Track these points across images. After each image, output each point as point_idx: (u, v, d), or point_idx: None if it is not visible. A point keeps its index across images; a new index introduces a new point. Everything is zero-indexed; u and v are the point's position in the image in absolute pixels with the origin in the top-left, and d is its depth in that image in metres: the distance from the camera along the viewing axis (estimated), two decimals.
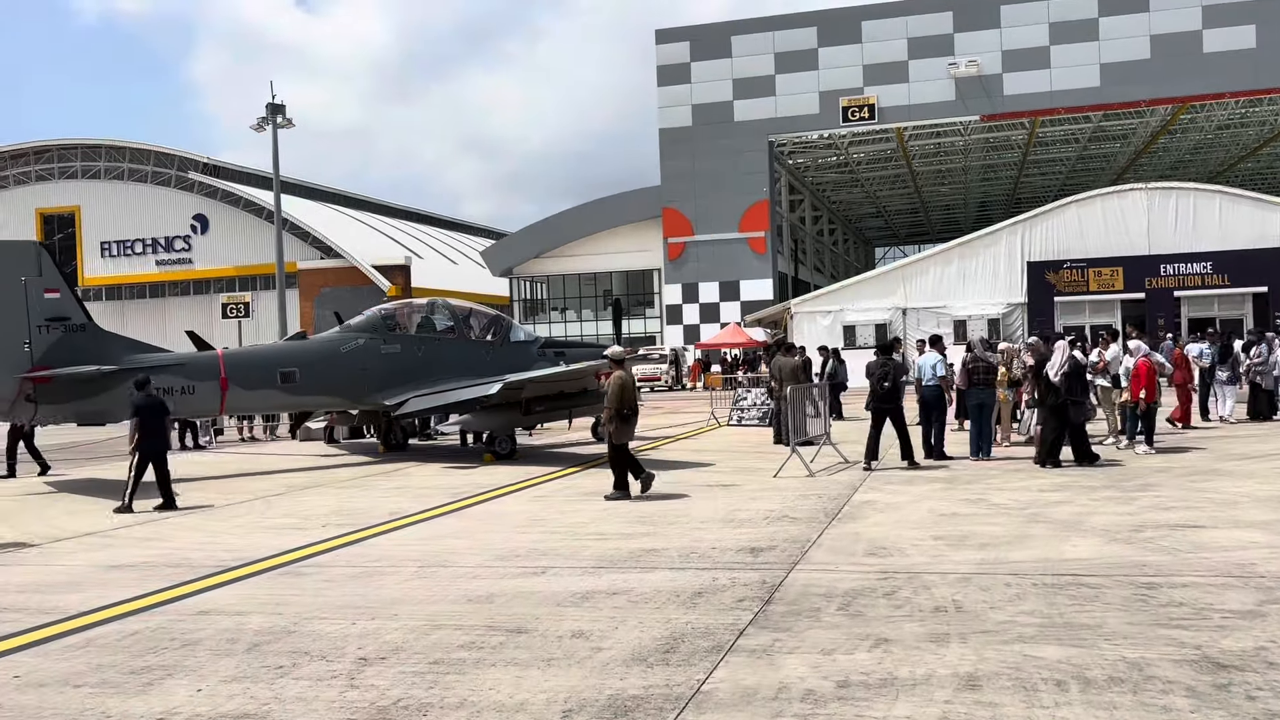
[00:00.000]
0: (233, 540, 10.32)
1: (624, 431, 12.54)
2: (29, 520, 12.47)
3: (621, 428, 12.50)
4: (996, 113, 58.52)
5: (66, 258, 73.12)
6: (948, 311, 48.18)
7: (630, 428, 12.65)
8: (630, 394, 12.60)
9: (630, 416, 12.55)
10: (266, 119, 44.57)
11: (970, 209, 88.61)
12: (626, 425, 12.55)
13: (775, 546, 8.81)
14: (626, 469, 12.50)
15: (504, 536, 9.91)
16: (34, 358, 15.60)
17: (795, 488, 12.65)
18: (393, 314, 19.39)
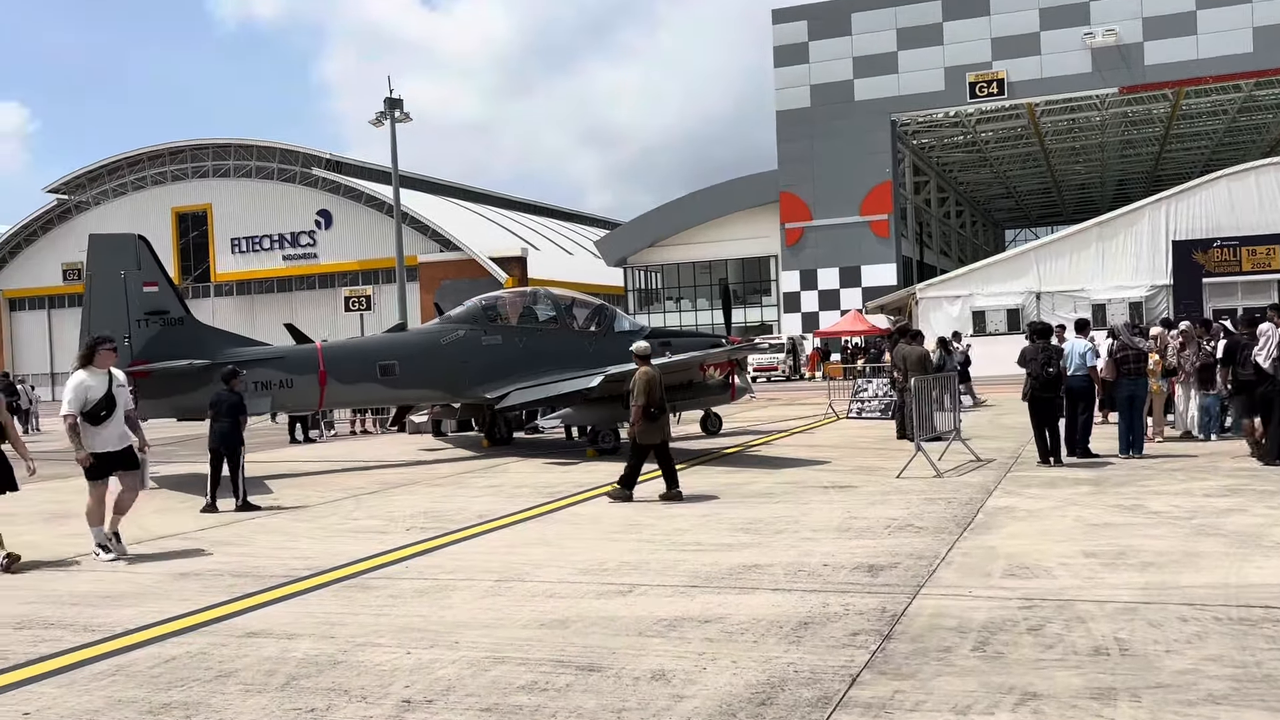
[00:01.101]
0: (310, 546, 9.71)
1: (650, 432, 11.76)
2: (126, 521, 12.12)
3: (648, 428, 11.72)
4: (1136, 84, 55.13)
5: (200, 255, 75.68)
6: (1085, 295, 45.58)
7: (658, 428, 11.85)
8: (657, 392, 11.81)
9: (658, 415, 11.78)
10: (385, 114, 44.83)
11: (1107, 188, 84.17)
12: (653, 425, 11.76)
13: (897, 564, 7.69)
14: (638, 470, 11.78)
15: (593, 545, 9.03)
16: (133, 352, 15.43)
17: (921, 490, 11.43)
18: (494, 304, 18.74)
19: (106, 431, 9.36)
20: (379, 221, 67.99)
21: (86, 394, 9.33)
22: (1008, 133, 65.10)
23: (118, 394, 9.51)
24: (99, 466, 9.39)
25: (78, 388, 9.34)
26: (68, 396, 9.34)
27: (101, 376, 9.45)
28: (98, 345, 9.58)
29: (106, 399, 9.37)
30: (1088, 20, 54.87)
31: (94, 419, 9.31)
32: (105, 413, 9.34)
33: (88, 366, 9.48)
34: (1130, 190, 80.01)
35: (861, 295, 57.65)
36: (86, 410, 9.29)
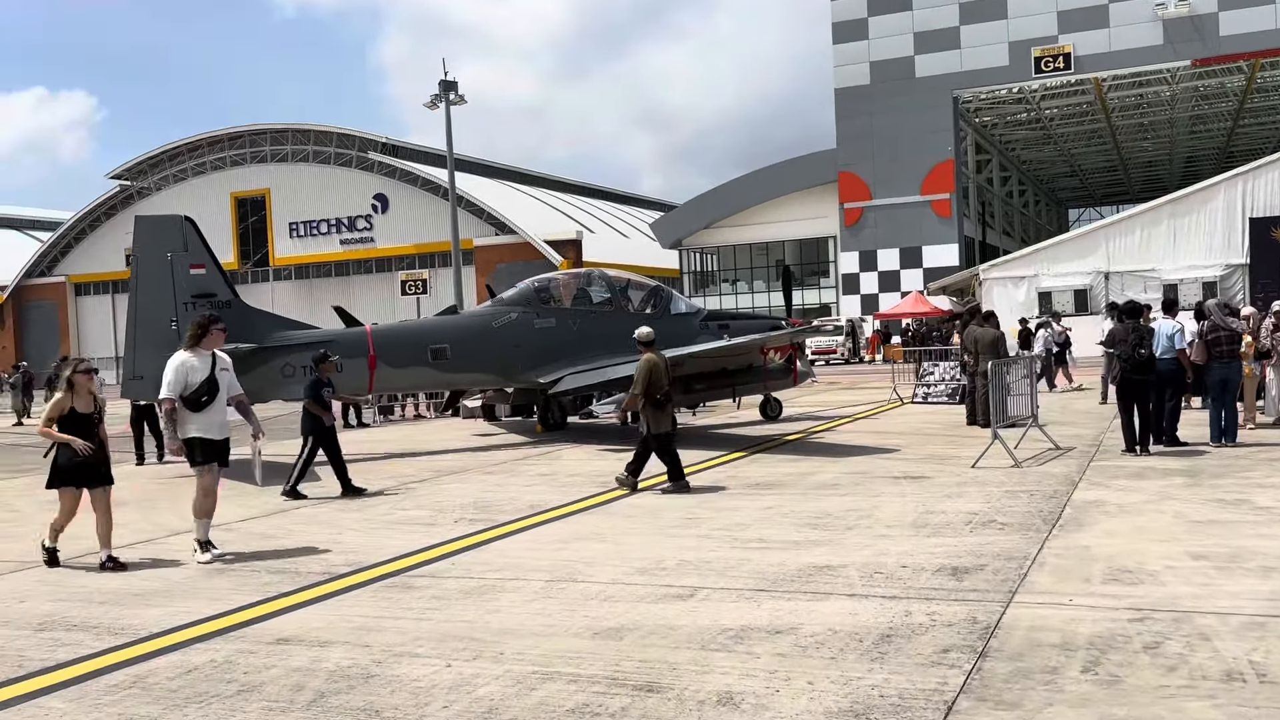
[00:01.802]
0: (354, 539, 9.25)
1: (660, 420, 11.35)
2: (162, 510, 11.85)
3: (657, 416, 11.33)
4: (1210, 56, 53.03)
5: (259, 240, 76.29)
6: (1156, 275, 44.02)
7: (667, 415, 11.44)
8: (660, 378, 11.38)
9: (664, 403, 11.35)
10: (440, 96, 44.58)
11: (1175, 165, 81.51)
12: (662, 413, 11.36)
13: (984, 565, 7.01)
14: (676, 456, 11.37)
15: (650, 541, 8.45)
16: (181, 336, 15.11)
17: (999, 481, 10.69)
18: (546, 286, 18.22)
19: (206, 418, 8.60)
20: (435, 205, 67.94)
21: (188, 376, 8.55)
22: (1073, 109, 63.14)
23: (220, 378, 8.73)
24: (205, 452, 8.62)
25: (178, 369, 8.56)
26: (167, 378, 8.55)
27: (205, 358, 8.67)
28: (211, 325, 8.85)
29: (208, 383, 8.60)
30: None
31: (194, 404, 8.54)
32: (206, 398, 8.58)
33: (194, 348, 8.70)
34: (1200, 168, 77.32)
35: (923, 276, 56.36)
36: (187, 394, 8.52)
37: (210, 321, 8.94)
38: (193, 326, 8.93)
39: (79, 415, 8.34)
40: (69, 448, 8.26)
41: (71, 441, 8.24)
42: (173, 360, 8.64)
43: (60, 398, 8.34)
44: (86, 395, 8.43)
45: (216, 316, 9.18)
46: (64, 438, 8.24)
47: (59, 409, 8.30)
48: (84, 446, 8.22)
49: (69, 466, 8.31)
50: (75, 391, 8.37)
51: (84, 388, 8.40)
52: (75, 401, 8.33)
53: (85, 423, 8.35)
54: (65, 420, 8.31)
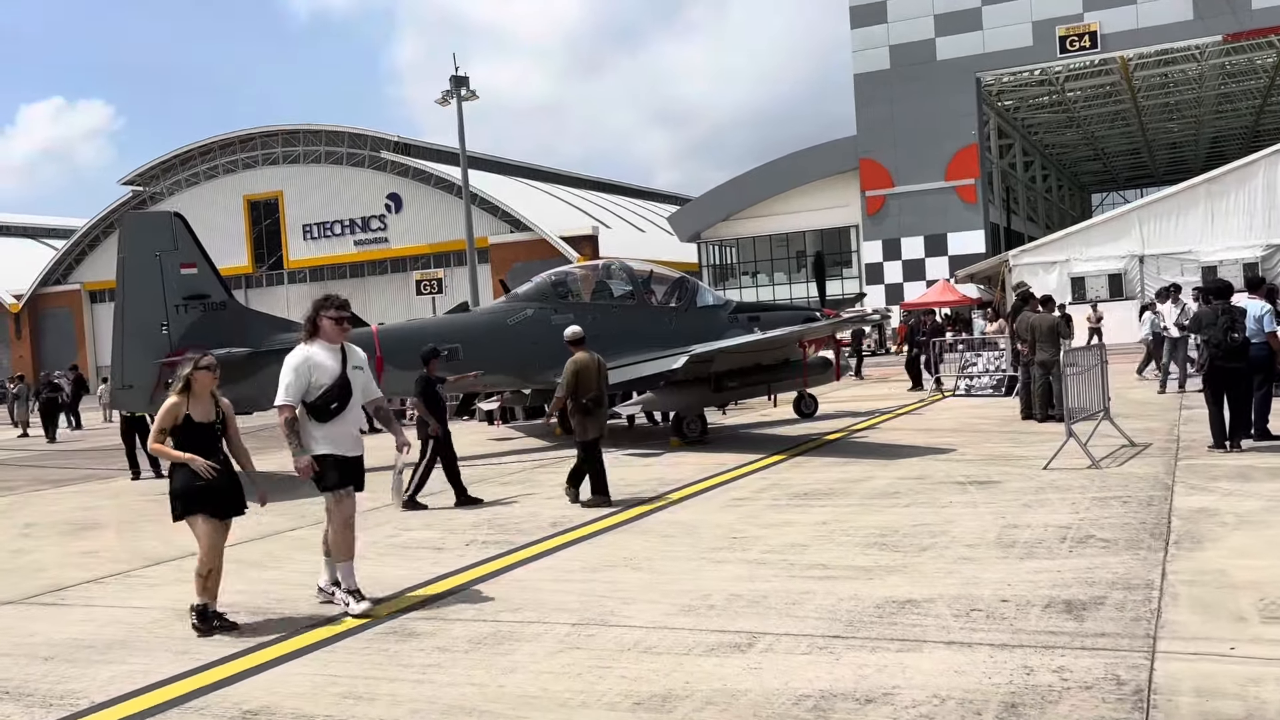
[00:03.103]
0: None
1: (587, 426, 10.42)
2: (145, 534, 10.75)
3: (583, 422, 10.40)
4: (1243, 30, 51.33)
5: (272, 242, 75.46)
6: (1193, 257, 42.48)
7: (595, 421, 10.49)
8: (591, 379, 10.44)
9: (592, 408, 10.37)
10: (451, 92, 43.61)
11: (1201, 146, 79.65)
12: (589, 418, 10.41)
13: (1102, 599, 5.79)
14: (602, 467, 10.47)
15: (692, 568, 7.27)
16: (172, 341, 14.05)
17: (1081, 486, 9.45)
18: (564, 280, 17.05)
19: (336, 430, 6.77)
20: (449, 203, 66.96)
21: (311, 377, 6.71)
22: (1097, 90, 61.52)
23: (354, 378, 6.84)
24: (340, 473, 6.81)
25: (299, 369, 6.72)
26: (285, 380, 6.74)
27: (333, 353, 6.81)
28: (340, 317, 6.88)
29: (339, 386, 6.73)
30: None
31: (321, 412, 6.72)
32: (336, 404, 6.72)
33: (314, 338, 6.85)
34: (1226, 148, 75.54)
35: (948, 264, 54.91)
36: (311, 400, 6.72)
37: (339, 310, 6.88)
38: (311, 312, 6.94)
39: (196, 425, 6.47)
40: (186, 468, 6.43)
41: (190, 461, 6.39)
42: (291, 358, 6.82)
43: (174, 402, 6.48)
44: (206, 399, 6.55)
45: (341, 302, 6.98)
46: (179, 456, 6.42)
47: (172, 416, 6.46)
48: (205, 467, 6.38)
49: (190, 491, 6.44)
50: (193, 394, 6.51)
51: (204, 389, 6.53)
52: (192, 407, 6.47)
53: (205, 435, 6.49)
54: (180, 431, 6.46)
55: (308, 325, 6.90)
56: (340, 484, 6.82)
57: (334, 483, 6.78)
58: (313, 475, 6.76)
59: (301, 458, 6.72)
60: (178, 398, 6.48)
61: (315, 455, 6.73)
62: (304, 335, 6.90)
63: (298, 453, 6.72)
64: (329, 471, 6.77)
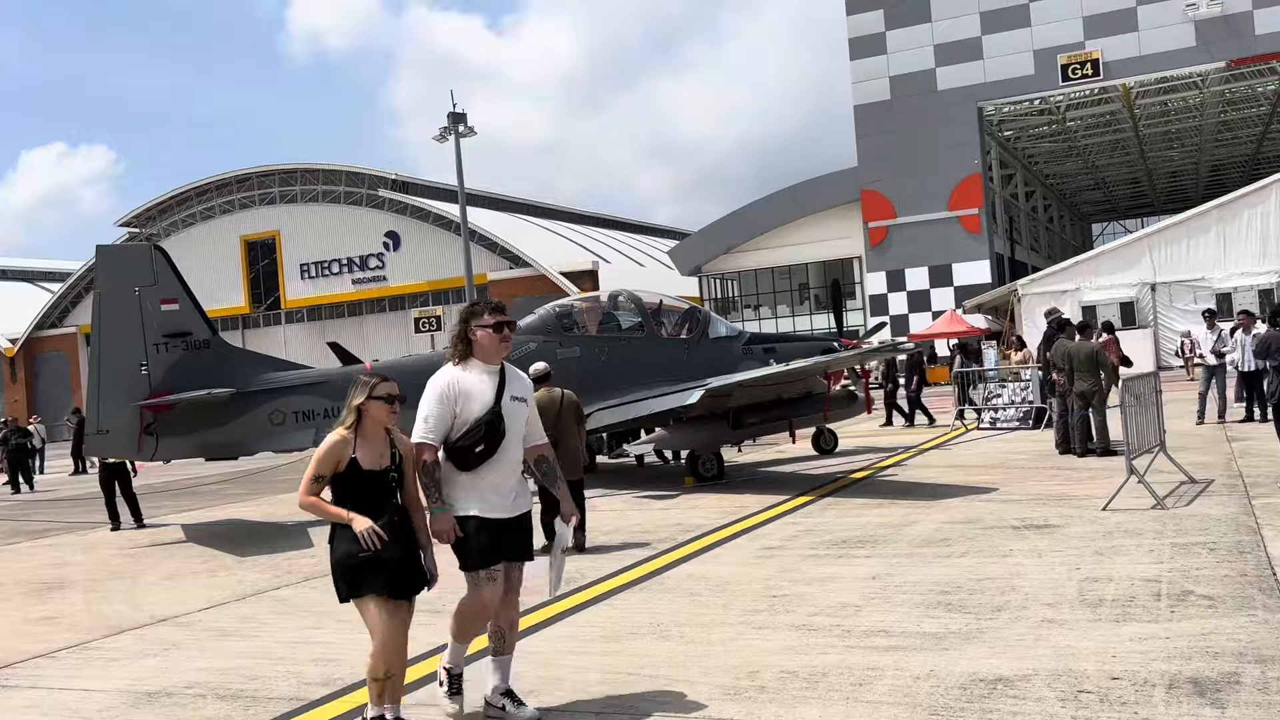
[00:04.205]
0: (336, 638, 7.10)
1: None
2: (113, 593, 9.74)
3: None
4: (1246, 56, 50.90)
5: (270, 283, 74.72)
6: (1206, 284, 41.80)
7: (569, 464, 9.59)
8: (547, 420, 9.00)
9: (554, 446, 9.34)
10: (449, 128, 43.16)
11: (1201, 175, 79.26)
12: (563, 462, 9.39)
13: (1234, 675, 4.82)
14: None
15: (731, 635, 6.28)
16: (152, 382, 13.11)
17: (1154, 530, 8.48)
18: (569, 311, 16.14)
19: (483, 481, 5.04)
20: (448, 241, 66.36)
21: (456, 407, 5.00)
22: (1098, 119, 61.15)
23: (510, 413, 5.09)
24: (484, 543, 5.04)
25: (444, 396, 5.01)
26: (424, 410, 5.02)
27: (489, 378, 5.11)
28: (501, 323, 5.13)
29: (488, 423, 4.99)
30: None
31: (463, 457, 4.99)
32: (483, 447, 4.99)
33: (467, 360, 5.12)
34: (1226, 177, 75.28)
35: (954, 295, 54.15)
36: (454, 440, 4.99)
37: (489, 309, 5.19)
38: (461, 323, 5.20)
39: (364, 474, 4.81)
40: (348, 532, 4.75)
41: (351, 522, 4.73)
42: (435, 383, 5.08)
43: (337, 441, 4.82)
44: (381, 438, 4.89)
45: (498, 302, 5.33)
46: (337, 514, 4.79)
47: (333, 459, 4.79)
48: (368, 531, 4.68)
49: (355, 564, 4.71)
50: (363, 431, 4.85)
51: (379, 424, 4.87)
52: (361, 447, 4.81)
53: (376, 486, 4.84)
54: (343, 480, 4.82)
55: (457, 344, 5.18)
56: (485, 561, 5.03)
57: (476, 558, 5.04)
58: (459, 542, 5.05)
59: (443, 516, 4.93)
60: (344, 434, 4.82)
61: (456, 516, 4.99)
62: (453, 356, 5.19)
63: (437, 509, 4.95)
64: (471, 540, 4.99)
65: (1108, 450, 13.88)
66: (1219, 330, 17.28)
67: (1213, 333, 17.30)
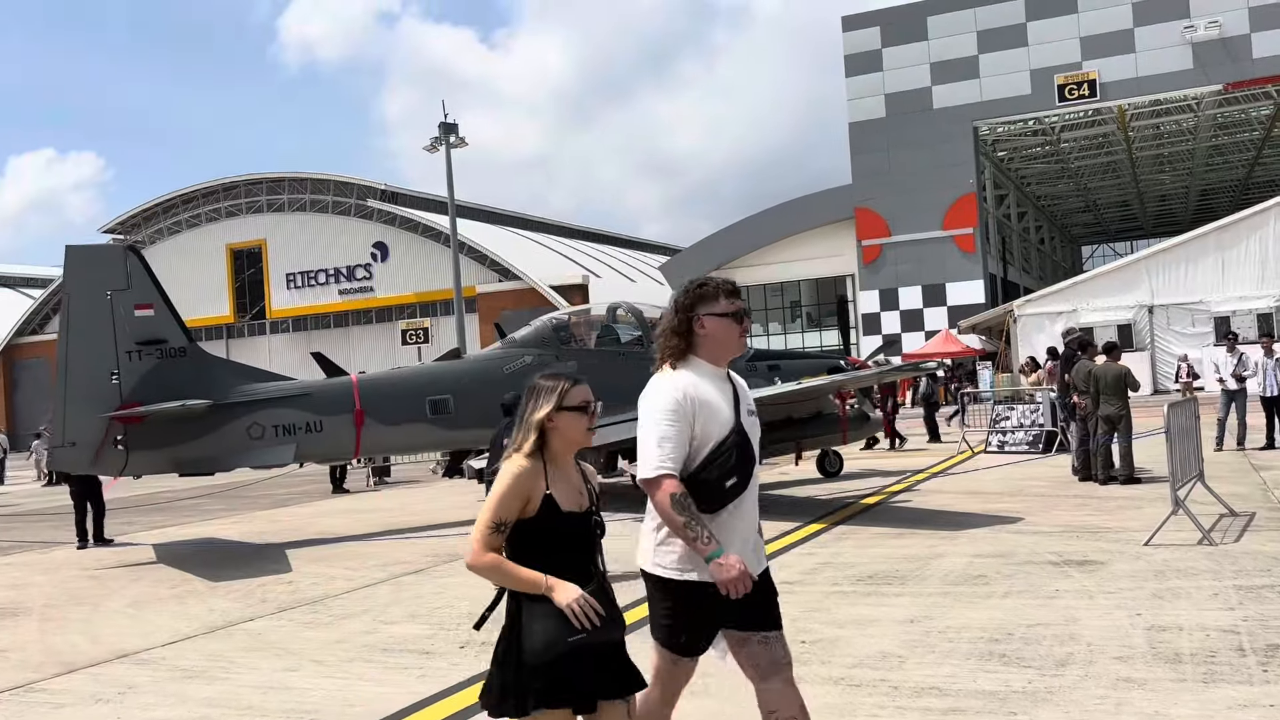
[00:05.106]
0: (311, 684, 6.34)
1: None
2: (71, 621, 8.93)
3: None
4: (1243, 79, 50.69)
5: (255, 292, 73.75)
6: (1204, 307, 41.47)
7: None
8: None
9: None
10: (440, 139, 42.57)
11: (1191, 199, 79.26)
12: None
13: None
14: None
15: None
16: (123, 392, 12.32)
17: (1209, 569, 7.78)
18: (566, 324, 15.43)
19: (732, 525, 3.71)
20: (436, 252, 65.65)
21: (695, 425, 3.66)
22: (1091, 140, 60.98)
23: (752, 433, 3.83)
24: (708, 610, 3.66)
25: (679, 410, 3.64)
26: (654, 431, 3.64)
27: (721, 384, 3.80)
28: (739, 311, 3.84)
29: (741, 445, 3.71)
30: (1187, 13, 50.74)
31: (711, 493, 3.64)
32: (735, 480, 3.68)
33: (685, 360, 3.79)
34: (1215, 201, 75.36)
35: (947, 315, 53.69)
36: (697, 471, 3.64)
37: (724, 292, 3.83)
38: (678, 313, 3.81)
39: (564, 518, 3.41)
40: (547, 607, 3.27)
41: (551, 592, 3.27)
42: (661, 395, 3.70)
43: (520, 472, 3.40)
44: (572, 467, 3.57)
45: (732, 284, 3.89)
46: (533, 581, 3.29)
47: (520, 499, 3.38)
48: (582, 604, 3.25)
49: (562, 655, 3.22)
50: (553, 455, 3.48)
51: (572, 445, 3.53)
52: (555, 480, 3.44)
53: (577, 536, 3.46)
54: (533, 530, 3.38)
55: (671, 338, 3.80)
56: (693, 639, 3.74)
57: (687, 636, 3.71)
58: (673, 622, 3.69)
59: (727, 556, 3.50)
60: (528, 464, 3.40)
61: (686, 581, 3.63)
62: (666, 357, 3.81)
63: (714, 551, 3.50)
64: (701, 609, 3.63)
65: (1131, 479, 13.23)
66: (1240, 354, 16.66)
67: (1233, 356, 16.69)
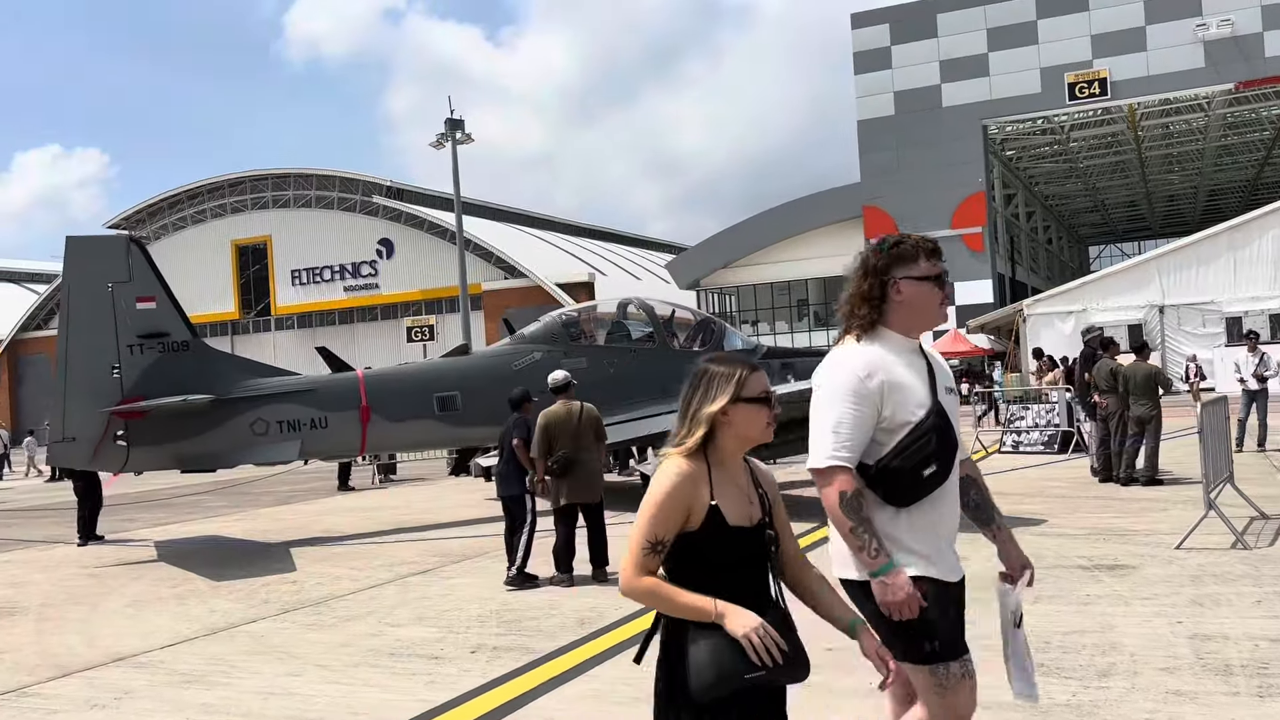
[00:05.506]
0: (315, 690, 6.07)
1: (560, 489, 8.88)
2: (68, 621, 8.68)
3: (557, 486, 8.85)
4: (1255, 78, 50.28)
5: (260, 288, 73.59)
6: (1215, 308, 41.03)
7: (575, 484, 8.89)
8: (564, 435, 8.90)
9: (559, 470, 8.78)
10: (446, 135, 42.35)
11: (1200, 199, 78.78)
12: (563, 482, 8.83)
13: None
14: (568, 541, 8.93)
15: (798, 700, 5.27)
16: (125, 387, 12.07)
17: (1246, 574, 7.49)
18: (576, 320, 15.17)
19: (930, 520, 3.21)
20: (442, 249, 65.44)
21: (883, 406, 3.16)
22: (1100, 140, 60.54)
23: (952, 414, 3.27)
24: (952, 620, 3.25)
25: (860, 390, 3.15)
26: (829, 415, 3.16)
27: (914, 359, 3.28)
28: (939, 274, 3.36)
29: (941, 428, 3.17)
30: (1199, 11, 50.34)
31: (905, 484, 3.16)
32: (937, 467, 3.16)
33: (874, 331, 3.28)
34: (1224, 202, 74.91)
35: (956, 314, 53.26)
36: (888, 459, 3.15)
37: (923, 251, 3.38)
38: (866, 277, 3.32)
39: (732, 533, 2.80)
40: (714, 638, 2.67)
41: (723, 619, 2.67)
42: (839, 370, 3.23)
43: (680, 478, 2.79)
44: (741, 470, 2.94)
45: (933, 242, 3.45)
46: (703, 608, 2.70)
47: (681, 508, 2.77)
48: (760, 633, 2.64)
49: (737, 695, 2.69)
50: (716, 455, 2.87)
51: (746, 443, 2.93)
52: (720, 487, 2.83)
53: (751, 554, 2.84)
54: (697, 547, 2.78)
55: (859, 307, 3.30)
56: (957, 645, 3.21)
57: (945, 643, 3.17)
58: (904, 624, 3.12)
59: (897, 573, 3.08)
60: (690, 466, 2.82)
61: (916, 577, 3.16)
62: (851, 324, 3.33)
63: (882, 566, 3.07)
64: (932, 613, 3.14)
65: (1153, 480, 12.95)
66: (1262, 354, 16.36)
67: (1254, 355, 16.39)
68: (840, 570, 3.26)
